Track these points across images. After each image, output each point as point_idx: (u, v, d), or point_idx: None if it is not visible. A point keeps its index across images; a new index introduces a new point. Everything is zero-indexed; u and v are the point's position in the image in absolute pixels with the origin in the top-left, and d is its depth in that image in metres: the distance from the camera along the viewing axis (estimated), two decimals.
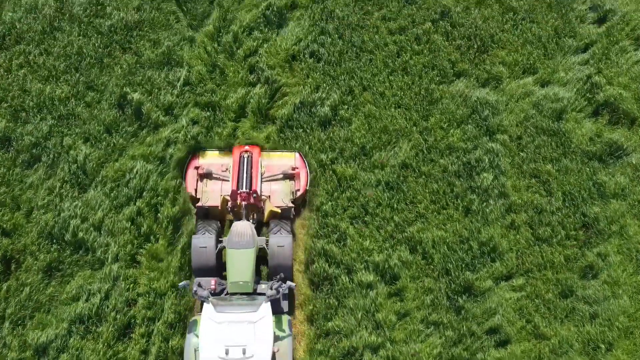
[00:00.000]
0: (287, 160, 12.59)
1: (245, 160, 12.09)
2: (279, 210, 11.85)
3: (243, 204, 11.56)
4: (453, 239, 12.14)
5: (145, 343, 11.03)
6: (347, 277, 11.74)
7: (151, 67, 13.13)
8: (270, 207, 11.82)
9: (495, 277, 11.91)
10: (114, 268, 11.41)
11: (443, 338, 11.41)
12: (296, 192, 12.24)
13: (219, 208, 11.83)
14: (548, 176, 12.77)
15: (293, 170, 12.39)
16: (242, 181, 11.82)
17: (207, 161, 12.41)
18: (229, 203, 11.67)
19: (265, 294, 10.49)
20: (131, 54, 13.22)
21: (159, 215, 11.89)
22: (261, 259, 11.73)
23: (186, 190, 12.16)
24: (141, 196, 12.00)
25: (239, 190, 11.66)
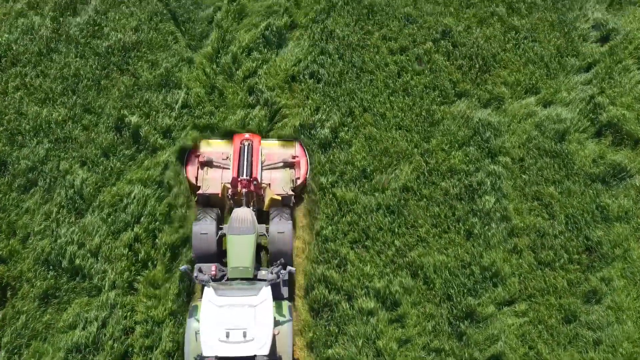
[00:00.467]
0: (288, 149, 12.70)
1: (245, 148, 12.16)
2: (279, 197, 11.97)
3: (243, 191, 11.67)
4: (455, 264, 11.99)
5: None
6: (348, 304, 11.58)
7: (149, 89, 12.98)
8: (270, 195, 11.88)
9: (497, 303, 11.76)
10: (111, 295, 11.25)
11: None
12: (296, 180, 12.38)
13: (220, 195, 11.91)
14: (551, 199, 12.62)
15: (293, 158, 12.52)
16: (243, 169, 11.92)
17: (208, 149, 12.51)
18: (230, 190, 11.78)
19: (265, 280, 10.55)
20: (129, 76, 13.08)
21: (157, 241, 11.73)
22: (261, 248, 11.77)
23: (186, 177, 12.25)
24: (139, 221, 11.84)
25: (240, 177, 11.77)
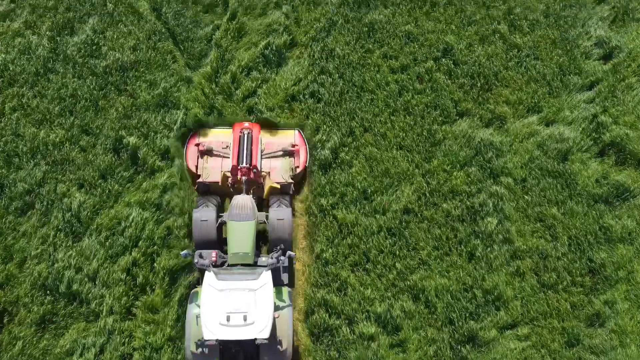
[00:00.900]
0: (287, 137, 12.79)
1: (245, 136, 12.16)
2: (279, 186, 12.04)
3: (243, 179, 11.70)
4: (456, 287, 11.85)
5: None
6: (348, 328, 11.45)
7: (147, 110, 12.85)
8: (270, 183, 11.98)
9: (499, 327, 11.61)
10: (109, 321, 11.11)
11: None
12: (295, 169, 12.48)
13: (220, 184, 12.02)
14: (553, 220, 12.48)
15: (292, 147, 12.57)
16: (243, 157, 11.94)
17: (208, 139, 12.58)
18: (230, 179, 11.85)
19: (265, 267, 10.61)
20: (127, 96, 12.94)
21: (155, 265, 11.59)
22: (261, 237, 11.75)
23: (186, 165, 12.35)
24: (137, 245, 11.70)
25: (240, 165, 11.83)
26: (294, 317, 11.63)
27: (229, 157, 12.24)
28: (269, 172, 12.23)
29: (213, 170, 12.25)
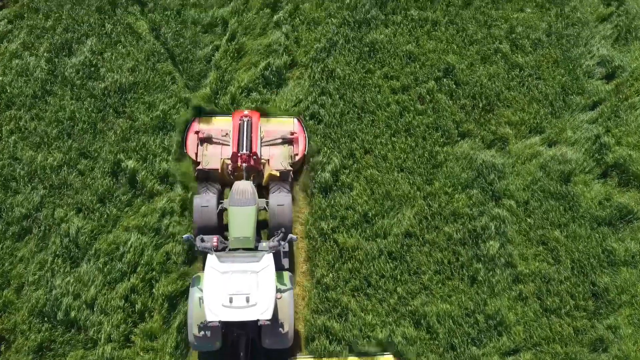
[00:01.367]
0: (286, 125, 12.93)
1: (245, 124, 12.26)
2: (278, 173, 12.12)
3: (243, 166, 11.84)
4: (458, 312, 11.72)
5: None
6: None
7: (146, 132, 12.71)
8: (269, 171, 12.07)
9: (502, 352, 11.50)
10: (107, 349, 10.98)
11: None
12: (295, 156, 12.61)
13: (219, 171, 12.08)
14: (556, 243, 12.36)
15: (292, 135, 12.71)
16: (243, 144, 12.03)
17: (207, 126, 12.72)
18: (230, 166, 11.95)
19: (267, 250, 10.70)
20: (125, 119, 12.80)
21: (154, 291, 11.46)
22: (261, 225, 11.88)
23: (186, 153, 12.47)
24: (135, 271, 11.57)
25: (240, 152, 11.86)
26: (295, 343, 11.53)
27: (229, 145, 12.39)
28: (268, 160, 12.38)
29: (213, 157, 12.35)
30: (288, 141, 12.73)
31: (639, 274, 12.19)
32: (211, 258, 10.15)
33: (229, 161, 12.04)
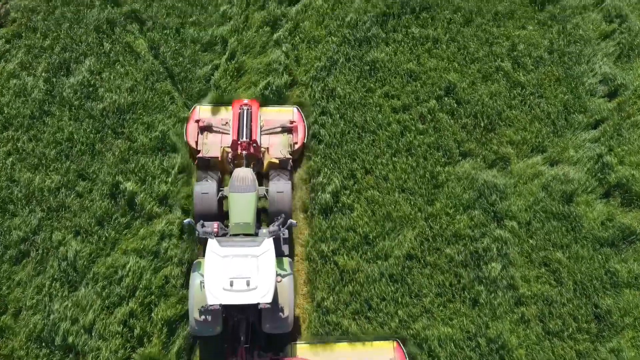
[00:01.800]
0: (286, 114, 13.06)
1: (245, 113, 12.35)
2: (278, 161, 12.33)
3: (243, 154, 11.95)
4: (460, 336, 11.61)
5: None
6: None
7: (145, 153, 12.60)
8: (269, 159, 12.28)
9: None
10: None
11: None
12: (294, 145, 12.73)
13: (219, 159, 12.24)
14: (558, 265, 12.26)
15: (291, 123, 12.84)
16: (242, 132, 12.14)
17: (207, 115, 12.91)
18: (230, 154, 12.07)
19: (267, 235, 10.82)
20: (124, 139, 12.69)
21: (153, 315, 11.35)
22: (260, 212, 12.02)
23: (187, 141, 12.62)
24: (134, 295, 11.46)
25: (239, 140, 11.98)
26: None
27: (229, 133, 12.49)
28: (268, 148, 12.51)
29: (213, 146, 12.48)
30: (287, 130, 12.86)
31: None
32: (212, 242, 10.20)
33: (229, 149, 12.14)
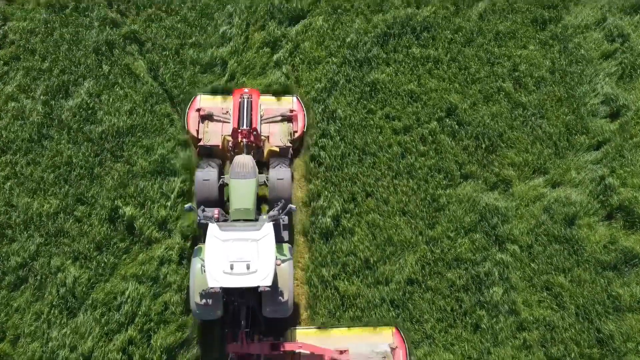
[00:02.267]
0: (285, 103, 13.32)
1: (245, 101, 12.40)
2: (278, 149, 12.52)
3: (244, 141, 12.01)
4: None
5: None
6: None
7: (144, 177, 12.50)
8: (269, 147, 12.43)
9: None
10: None
11: None
12: (294, 133, 12.96)
13: (220, 147, 12.40)
14: (560, 289, 12.17)
15: (291, 112, 13.10)
16: (243, 120, 12.21)
17: (208, 104, 13.09)
18: (230, 142, 12.18)
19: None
20: (123, 163, 12.59)
21: (152, 342, 11.25)
22: (260, 201, 12.14)
23: (188, 130, 12.85)
24: (133, 322, 11.36)
25: (240, 128, 12.08)
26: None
27: (229, 122, 12.64)
28: (268, 137, 12.64)
29: (214, 134, 12.68)
30: (287, 118, 13.04)
31: None
32: (212, 227, 10.28)
33: (230, 138, 12.22)
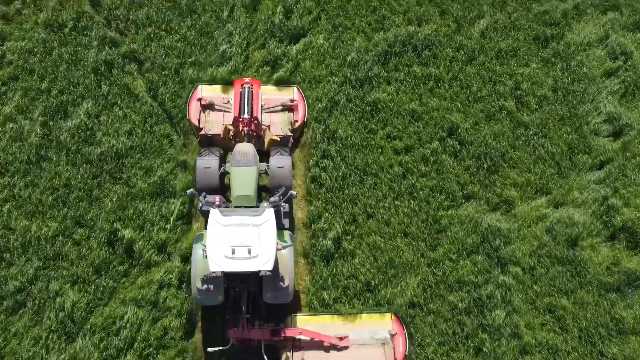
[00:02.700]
0: (286, 94, 13.50)
1: (246, 91, 12.59)
2: (279, 138, 12.70)
3: (245, 130, 12.16)
4: None
5: None
6: None
7: (143, 199, 12.38)
8: (270, 136, 12.60)
9: None
10: None
11: None
12: (294, 123, 13.11)
13: (221, 136, 12.56)
14: (563, 311, 12.07)
15: (291, 102, 13.26)
16: (244, 109, 12.38)
17: (210, 94, 13.25)
18: (231, 131, 12.32)
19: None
20: (122, 185, 12.48)
21: None
22: (261, 190, 12.35)
23: (189, 119, 13.01)
24: (132, 347, 11.25)
25: (241, 116, 12.24)
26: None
27: (230, 111, 12.75)
28: (269, 126, 12.77)
29: (215, 123, 12.83)
30: (288, 108, 13.22)
31: None
32: (214, 212, 10.33)
33: (231, 126, 12.27)
